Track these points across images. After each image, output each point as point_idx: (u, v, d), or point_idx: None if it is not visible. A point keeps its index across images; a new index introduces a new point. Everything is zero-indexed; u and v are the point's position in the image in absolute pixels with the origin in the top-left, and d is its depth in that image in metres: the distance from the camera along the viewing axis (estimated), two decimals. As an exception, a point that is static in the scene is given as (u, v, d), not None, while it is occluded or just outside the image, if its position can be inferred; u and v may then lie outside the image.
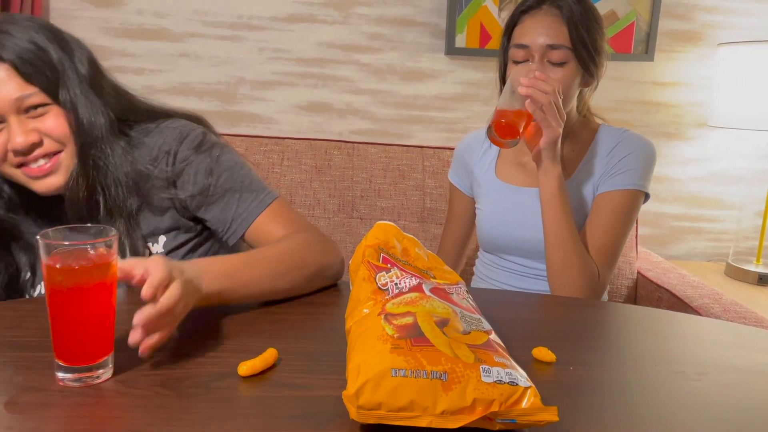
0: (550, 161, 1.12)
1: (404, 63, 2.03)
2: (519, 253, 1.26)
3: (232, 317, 0.86)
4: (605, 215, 1.18)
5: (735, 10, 2.06)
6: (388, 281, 0.71)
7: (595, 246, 1.17)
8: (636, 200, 1.20)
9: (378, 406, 0.57)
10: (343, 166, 1.80)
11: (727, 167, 2.17)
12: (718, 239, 2.23)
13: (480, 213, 1.34)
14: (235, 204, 1.03)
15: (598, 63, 1.17)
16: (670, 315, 0.97)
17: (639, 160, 1.20)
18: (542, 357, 0.76)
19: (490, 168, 1.34)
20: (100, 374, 0.67)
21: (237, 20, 1.96)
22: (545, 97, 1.06)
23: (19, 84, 0.89)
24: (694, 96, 2.11)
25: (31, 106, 0.91)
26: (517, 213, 1.24)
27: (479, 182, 1.35)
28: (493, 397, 0.57)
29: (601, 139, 1.25)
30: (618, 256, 1.20)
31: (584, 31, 1.13)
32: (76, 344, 0.66)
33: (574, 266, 1.13)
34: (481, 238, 1.34)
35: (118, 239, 0.68)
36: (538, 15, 1.15)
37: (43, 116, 0.92)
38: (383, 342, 0.61)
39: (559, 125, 1.09)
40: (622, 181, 1.18)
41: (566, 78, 1.14)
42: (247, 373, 0.68)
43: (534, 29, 1.14)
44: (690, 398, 0.69)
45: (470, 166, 1.38)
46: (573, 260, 1.13)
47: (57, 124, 0.92)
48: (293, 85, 2.02)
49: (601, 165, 1.22)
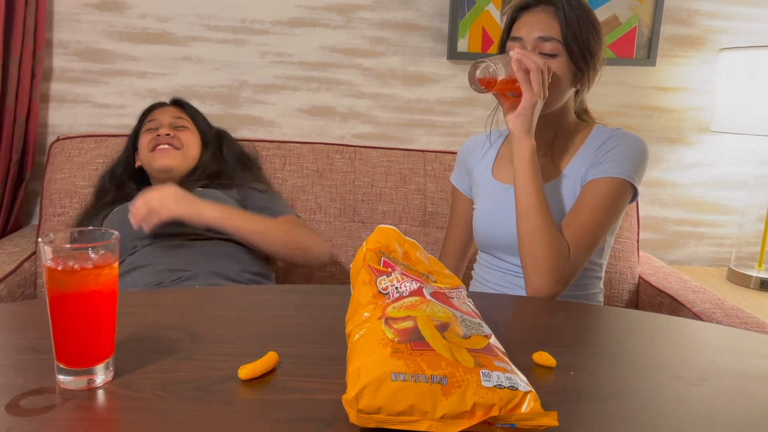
0: (525, 132, 1.14)
1: (406, 67, 2.04)
2: (513, 251, 1.27)
3: (232, 320, 0.86)
4: (587, 199, 1.18)
5: (737, 16, 2.06)
6: (389, 285, 0.71)
7: (571, 226, 1.16)
8: (622, 189, 1.18)
9: (378, 410, 0.57)
10: (344, 170, 1.81)
11: (729, 172, 2.17)
12: (720, 244, 2.23)
13: (476, 212, 1.36)
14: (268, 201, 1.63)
15: (589, 63, 1.19)
16: (671, 320, 0.97)
17: (628, 152, 1.20)
18: (542, 361, 0.76)
19: (487, 168, 1.36)
20: (100, 377, 0.67)
21: (240, 24, 1.97)
22: (532, 64, 1.12)
23: (177, 115, 1.67)
24: (696, 101, 2.11)
25: (179, 126, 1.64)
26: (510, 211, 1.24)
27: (477, 182, 1.37)
28: (493, 402, 0.57)
29: (593, 138, 1.26)
30: (595, 244, 1.17)
31: (576, 29, 1.17)
32: (77, 347, 0.66)
33: (542, 236, 1.12)
34: (476, 236, 1.35)
35: (118, 242, 0.69)
36: (534, 12, 1.20)
37: (182, 131, 1.63)
38: (383, 346, 0.61)
39: (540, 94, 1.13)
40: (608, 170, 1.19)
41: (556, 69, 1.17)
42: (248, 376, 0.69)
43: (528, 24, 1.19)
44: (691, 404, 0.69)
45: (470, 167, 1.41)
46: (541, 230, 1.12)
47: (188, 139, 1.62)
48: (296, 88, 2.03)
49: (589, 159, 1.23)
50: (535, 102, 1.13)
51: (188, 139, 1.60)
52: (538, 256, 1.12)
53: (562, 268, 1.13)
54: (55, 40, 1.92)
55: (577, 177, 1.23)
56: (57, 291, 0.65)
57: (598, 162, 1.21)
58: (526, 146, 1.15)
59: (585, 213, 1.17)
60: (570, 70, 1.18)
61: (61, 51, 1.93)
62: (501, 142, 1.39)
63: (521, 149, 1.15)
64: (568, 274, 1.14)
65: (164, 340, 0.78)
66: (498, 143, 1.39)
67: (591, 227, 1.16)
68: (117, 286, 0.69)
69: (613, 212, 1.18)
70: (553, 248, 1.12)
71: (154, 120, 1.63)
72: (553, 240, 1.12)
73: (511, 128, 1.16)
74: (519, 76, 1.11)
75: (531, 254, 1.13)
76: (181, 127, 1.62)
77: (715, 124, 2.00)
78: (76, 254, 0.66)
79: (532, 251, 1.13)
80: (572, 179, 1.24)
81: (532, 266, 1.13)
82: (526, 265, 1.15)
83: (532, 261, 1.13)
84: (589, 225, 1.16)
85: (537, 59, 1.12)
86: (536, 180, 1.14)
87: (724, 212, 2.20)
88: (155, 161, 1.55)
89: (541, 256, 1.12)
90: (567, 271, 1.13)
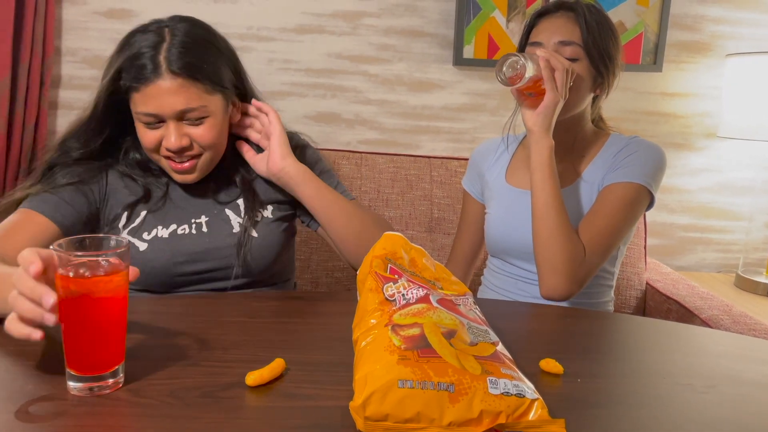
0: (545, 130, 1.14)
1: (412, 74, 2.04)
2: (525, 257, 1.26)
3: (240, 327, 0.86)
4: (604, 203, 1.18)
5: (743, 21, 2.05)
6: (396, 292, 0.71)
7: (587, 228, 1.16)
8: (639, 195, 1.18)
9: (385, 418, 0.57)
10: (351, 176, 1.81)
11: (736, 178, 2.16)
12: (728, 250, 2.22)
13: (488, 216, 1.35)
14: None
15: (609, 68, 1.19)
16: (678, 327, 0.97)
17: (646, 158, 1.20)
18: (550, 369, 0.76)
19: (501, 173, 1.36)
20: (110, 383, 0.67)
21: (246, 31, 1.98)
22: (559, 64, 1.12)
23: (190, 98, 1.04)
24: (702, 106, 2.11)
25: (191, 117, 1.06)
26: (523, 216, 1.24)
27: (490, 186, 1.37)
28: (501, 409, 0.57)
29: (610, 145, 1.27)
30: (611, 247, 1.17)
31: (596, 34, 1.17)
32: (87, 353, 0.67)
33: (558, 235, 1.12)
34: (488, 241, 1.35)
35: (129, 249, 0.69)
36: (554, 17, 1.20)
37: (198, 126, 1.07)
38: (390, 353, 0.61)
39: (562, 94, 1.13)
40: (626, 174, 1.19)
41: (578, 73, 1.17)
42: (255, 383, 0.69)
43: (548, 29, 1.19)
44: (698, 411, 0.69)
45: (483, 172, 1.40)
46: (557, 229, 1.12)
47: (208, 135, 1.08)
48: (302, 95, 2.04)
49: (607, 165, 1.23)
50: (557, 101, 1.13)
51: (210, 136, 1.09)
52: (554, 254, 1.11)
53: (578, 268, 1.12)
54: (63, 48, 1.94)
55: (594, 182, 1.23)
56: (68, 298, 0.65)
57: (616, 167, 1.21)
58: (545, 144, 1.14)
59: (601, 216, 1.17)
60: (590, 74, 1.19)
61: (69, 59, 1.94)
62: (515, 147, 1.39)
63: (540, 147, 1.15)
64: (584, 275, 1.13)
65: (172, 346, 0.79)
66: (512, 148, 1.39)
67: (607, 230, 1.16)
68: (127, 293, 0.69)
69: (630, 217, 1.18)
70: (569, 247, 1.11)
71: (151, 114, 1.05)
72: (569, 239, 1.12)
73: (531, 126, 1.15)
74: (545, 74, 1.11)
75: (547, 253, 1.12)
76: (196, 121, 1.07)
77: (722, 130, 1.99)
78: (88, 262, 0.66)
79: (549, 250, 1.12)
80: (590, 184, 1.24)
81: (547, 265, 1.12)
82: (541, 263, 1.14)
83: (548, 260, 1.12)
84: (605, 228, 1.16)
85: (563, 60, 1.13)
86: (554, 178, 1.14)
87: (732, 218, 2.19)
88: (172, 174, 1.13)
89: (557, 255, 1.11)
90: (582, 271, 1.13)
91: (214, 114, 1.09)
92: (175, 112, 1.04)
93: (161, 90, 1.03)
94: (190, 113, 1.05)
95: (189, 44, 1.05)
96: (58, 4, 1.89)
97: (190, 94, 1.04)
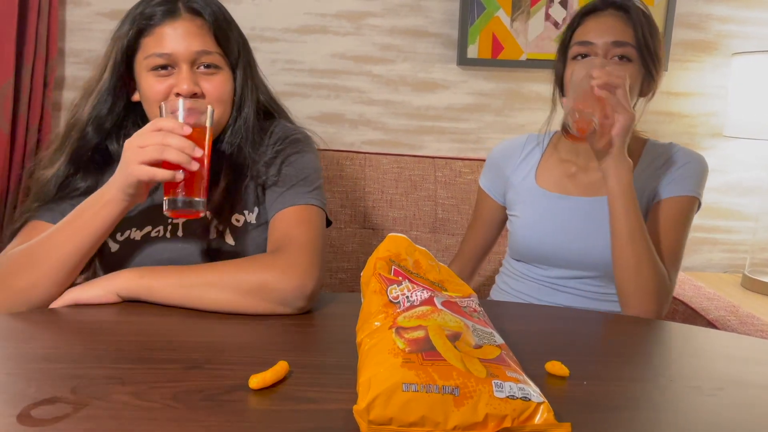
0: (623, 152, 1.10)
1: (416, 74, 2.04)
2: (557, 263, 1.25)
3: (243, 329, 0.86)
4: (667, 220, 1.19)
5: (749, 20, 2.04)
6: (400, 294, 0.71)
7: (661, 249, 1.17)
8: (693, 206, 1.22)
9: (389, 421, 0.57)
10: (355, 177, 1.81)
11: (742, 177, 2.15)
12: (734, 250, 2.20)
13: (516, 220, 1.32)
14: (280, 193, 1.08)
15: (658, 69, 1.18)
16: (685, 329, 0.96)
17: (695, 170, 1.22)
18: (555, 371, 0.75)
19: (529, 175, 1.33)
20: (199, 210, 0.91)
21: (250, 32, 1.97)
22: (618, 79, 1.07)
23: (206, 41, 1.02)
24: (708, 106, 2.10)
25: (206, 63, 1.02)
26: (557, 220, 1.23)
27: (516, 189, 1.33)
28: (506, 413, 0.57)
29: (649, 153, 1.25)
30: (681, 260, 1.20)
31: (648, 34, 1.15)
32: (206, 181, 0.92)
33: (648, 260, 1.10)
34: (515, 246, 1.32)
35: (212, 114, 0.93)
36: (603, 16, 1.17)
37: (210, 76, 1.03)
38: (394, 356, 0.61)
39: (633, 110, 1.09)
40: (682, 188, 1.20)
41: (630, 76, 1.14)
42: (258, 386, 0.68)
43: (598, 27, 1.16)
44: (706, 414, 0.68)
45: (506, 173, 1.36)
46: (647, 255, 1.10)
47: (220, 88, 1.04)
48: (306, 96, 2.03)
49: (654, 177, 1.22)
50: (632, 119, 1.09)
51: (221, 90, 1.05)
52: (647, 281, 1.11)
53: (668, 289, 1.14)
54: (67, 49, 1.94)
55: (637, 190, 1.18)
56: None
57: (669, 180, 1.21)
58: (626, 167, 1.10)
59: (671, 233, 1.19)
60: (641, 76, 1.17)
61: (73, 60, 1.95)
62: (543, 147, 1.35)
63: (620, 170, 1.10)
64: (670, 296, 1.16)
65: (174, 350, 0.78)
66: (540, 148, 1.35)
67: (677, 245, 1.19)
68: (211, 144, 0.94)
69: (688, 228, 1.22)
70: (658, 270, 1.12)
71: (165, 54, 1.01)
72: (656, 263, 1.12)
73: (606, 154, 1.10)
74: (611, 101, 1.06)
75: (640, 280, 1.11)
76: (211, 68, 1.03)
77: (728, 129, 1.98)
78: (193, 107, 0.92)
79: (640, 276, 1.10)
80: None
81: (640, 291, 1.11)
82: (632, 291, 1.12)
83: (642, 287, 1.11)
84: (675, 243, 1.19)
85: (617, 72, 1.08)
86: (635, 203, 1.12)
87: (738, 218, 2.18)
88: None
89: (650, 282, 1.11)
90: (670, 293, 1.16)
91: (226, 73, 1.06)
92: (191, 53, 1.00)
93: (177, 29, 1.00)
94: (205, 57, 1.02)
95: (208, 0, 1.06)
96: (61, 6, 1.90)
97: (208, 39, 1.02)
